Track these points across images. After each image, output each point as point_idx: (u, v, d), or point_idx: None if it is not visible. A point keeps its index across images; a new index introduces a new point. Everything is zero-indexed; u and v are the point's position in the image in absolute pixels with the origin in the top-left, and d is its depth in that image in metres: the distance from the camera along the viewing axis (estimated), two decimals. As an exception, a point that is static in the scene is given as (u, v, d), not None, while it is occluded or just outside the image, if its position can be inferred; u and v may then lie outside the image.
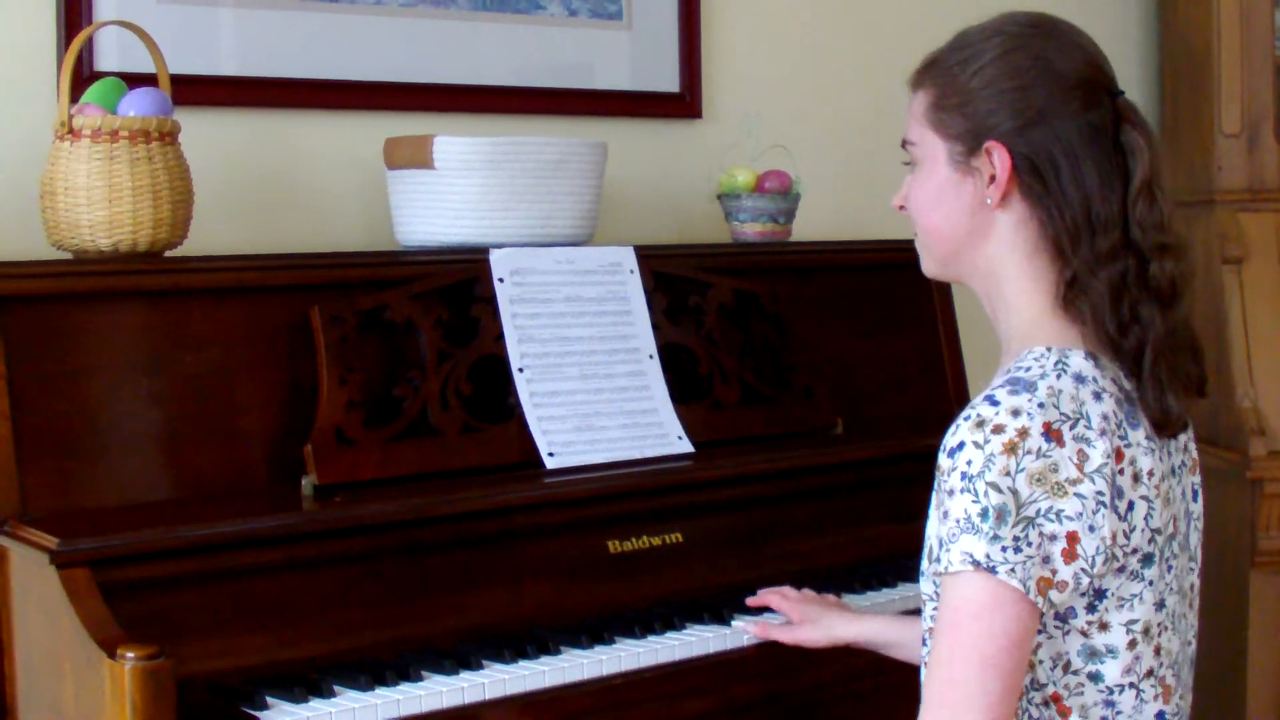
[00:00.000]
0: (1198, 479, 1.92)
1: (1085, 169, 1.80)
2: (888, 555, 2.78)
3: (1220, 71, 3.90)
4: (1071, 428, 1.71)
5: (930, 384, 3.29)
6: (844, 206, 3.62)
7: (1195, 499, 1.91)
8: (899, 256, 3.26)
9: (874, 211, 3.61)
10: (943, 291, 3.31)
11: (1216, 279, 3.78)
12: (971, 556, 1.68)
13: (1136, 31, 4.22)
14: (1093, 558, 1.71)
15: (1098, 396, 1.75)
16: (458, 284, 2.63)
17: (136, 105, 2.47)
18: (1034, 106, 1.81)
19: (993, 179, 1.83)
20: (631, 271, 2.80)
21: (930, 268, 1.97)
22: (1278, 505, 3.60)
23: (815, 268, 3.18)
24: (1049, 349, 1.78)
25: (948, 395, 3.29)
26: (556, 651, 2.30)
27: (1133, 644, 1.77)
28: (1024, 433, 1.69)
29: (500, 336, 2.62)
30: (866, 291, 3.24)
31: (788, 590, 2.47)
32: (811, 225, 3.39)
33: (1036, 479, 1.69)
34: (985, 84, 1.84)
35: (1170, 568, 1.81)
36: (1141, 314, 1.79)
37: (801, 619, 2.39)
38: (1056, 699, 1.78)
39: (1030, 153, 1.81)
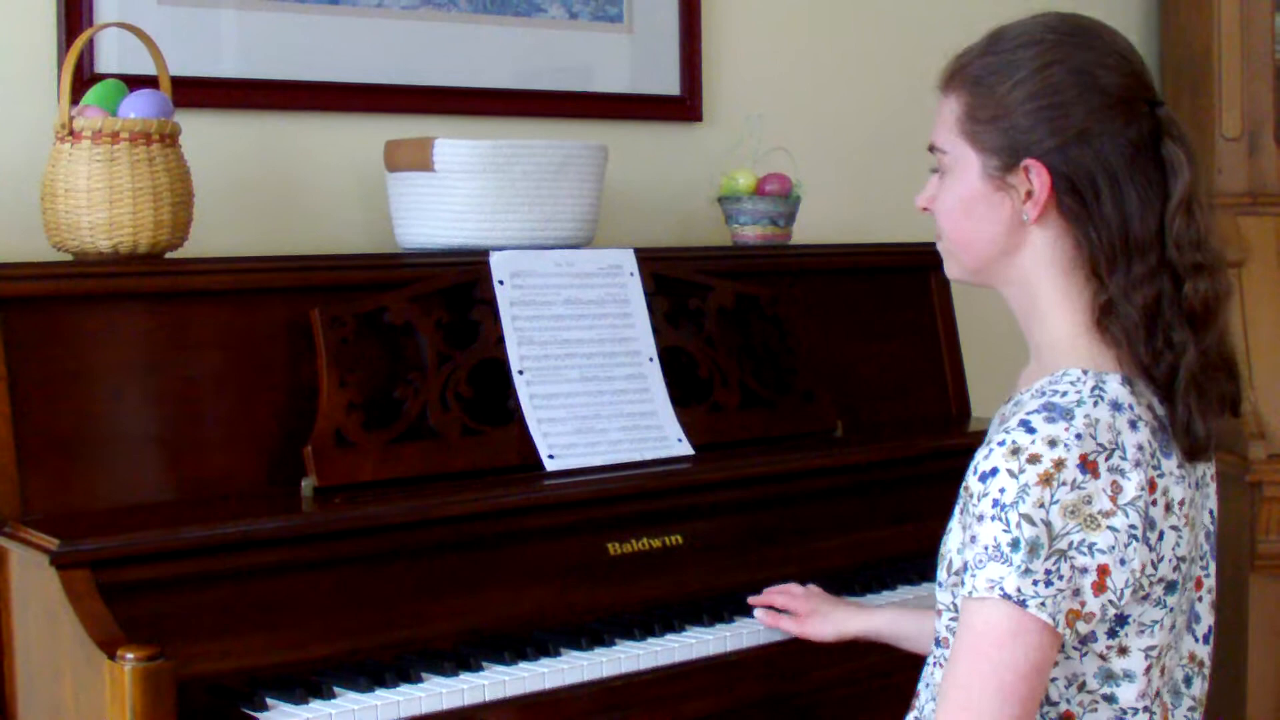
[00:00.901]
0: (1214, 486, 1.90)
1: (1125, 191, 1.76)
2: (887, 558, 2.79)
3: (1220, 75, 3.90)
4: (1107, 459, 1.69)
5: (930, 387, 3.29)
6: (844, 209, 3.62)
7: (1213, 508, 1.89)
8: (899, 259, 3.29)
9: (875, 214, 3.62)
10: (943, 294, 3.31)
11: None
12: (1001, 588, 1.66)
13: (1137, 35, 4.22)
14: (1121, 590, 1.69)
15: (1134, 425, 1.72)
16: (458, 286, 2.63)
17: (137, 107, 2.47)
18: (1074, 125, 1.77)
19: (1029, 195, 1.79)
20: (631, 274, 2.80)
21: (956, 273, 1.93)
22: (1277, 509, 3.60)
23: (815, 271, 3.18)
24: (1085, 372, 1.75)
25: (947, 398, 3.29)
26: (556, 653, 2.30)
27: (1149, 669, 1.75)
28: (1060, 464, 1.67)
29: (500, 339, 2.62)
30: (867, 294, 3.24)
31: (792, 587, 2.48)
32: (812, 228, 3.39)
33: (1070, 511, 1.66)
34: (1024, 99, 1.79)
35: (1186, 589, 1.80)
36: (1174, 339, 1.76)
37: (809, 613, 2.40)
38: (1069, 717, 1.77)
39: (1070, 172, 1.77)
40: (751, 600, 2.49)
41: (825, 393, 2.98)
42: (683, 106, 3.40)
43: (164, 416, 2.39)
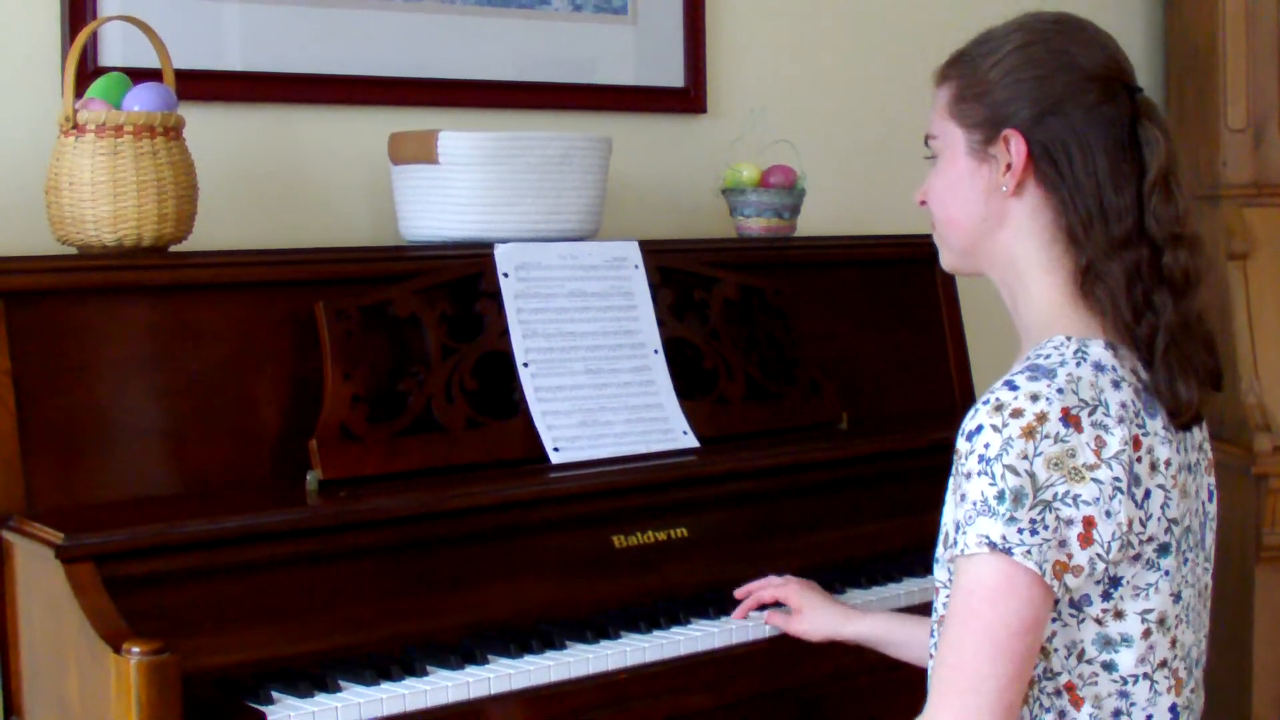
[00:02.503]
0: (1212, 479, 1.92)
1: (1098, 159, 1.81)
2: (893, 550, 2.78)
3: (1225, 67, 3.89)
4: (1090, 414, 1.72)
5: (935, 379, 3.29)
6: (848, 201, 3.61)
7: (1210, 498, 1.91)
8: (904, 251, 3.28)
9: (879, 206, 3.61)
10: (948, 286, 3.31)
11: (1221, 274, 3.77)
12: (988, 538, 1.68)
13: (1142, 27, 4.21)
14: (1109, 543, 1.71)
15: (1116, 385, 1.76)
16: (462, 279, 2.63)
17: (141, 100, 2.47)
18: (1051, 96, 1.83)
19: (1008, 167, 1.84)
20: (636, 266, 2.80)
21: (949, 260, 1.97)
22: (1283, 500, 3.60)
23: (820, 263, 3.18)
24: (1069, 338, 1.79)
25: (952, 390, 3.29)
26: (561, 646, 2.30)
27: (1147, 633, 1.76)
28: (1042, 417, 1.70)
29: (505, 331, 2.61)
30: (871, 286, 3.24)
31: (789, 580, 2.47)
32: (816, 220, 3.38)
33: (1054, 463, 1.69)
34: (1005, 74, 1.85)
35: (1187, 561, 1.81)
36: (1155, 301, 1.80)
37: (799, 608, 2.40)
38: (1070, 688, 1.78)
39: (1046, 141, 1.83)
40: (739, 593, 2.48)
41: (830, 385, 2.98)
42: (687, 98, 3.40)
43: (168, 410, 2.39)
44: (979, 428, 1.73)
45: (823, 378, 2.97)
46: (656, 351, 2.77)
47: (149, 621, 2.06)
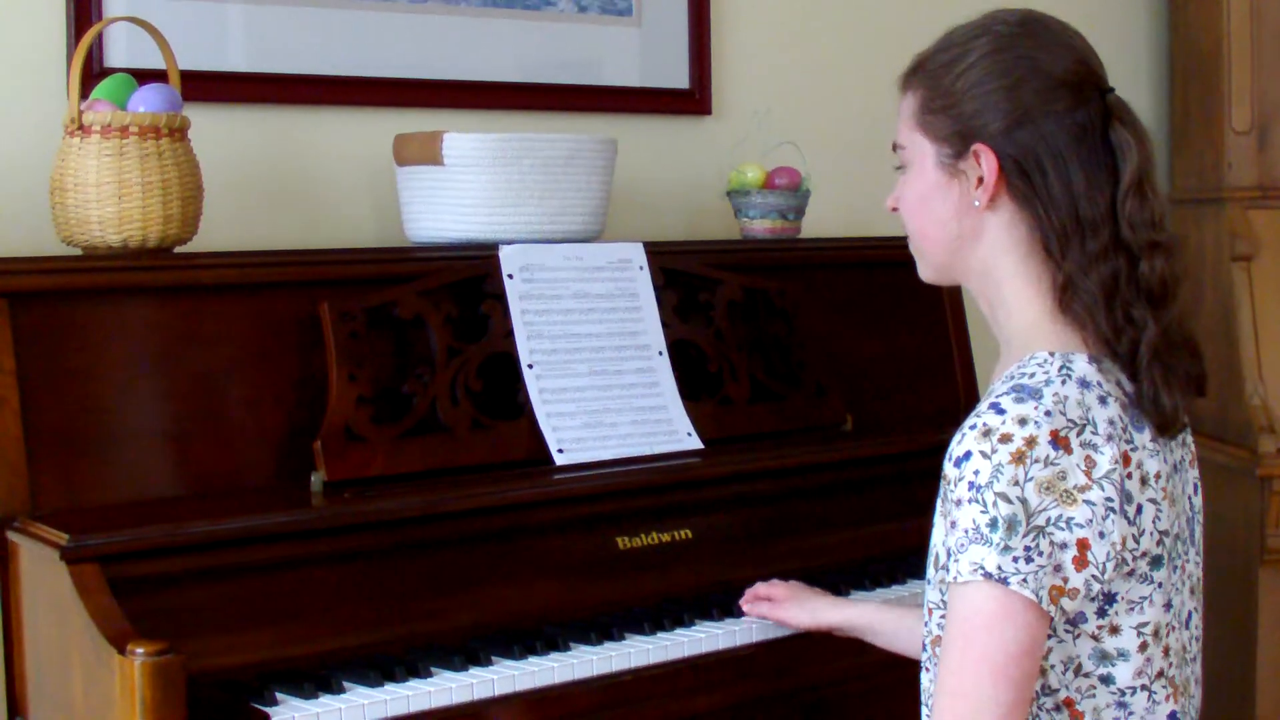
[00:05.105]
0: (1196, 472, 1.91)
1: (1071, 170, 1.79)
2: (897, 551, 2.78)
3: (1230, 69, 3.89)
4: (1079, 434, 1.70)
5: (939, 381, 3.29)
6: (854, 203, 3.61)
7: (1196, 492, 1.90)
8: (908, 254, 3.27)
9: (883, 208, 3.60)
10: (953, 288, 3.31)
11: (1226, 276, 3.77)
12: (983, 568, 1.67)
13: (1146, 29, 4.21)
14: (1103, 564, 1.70)
15: (1103, 401, 1.74)
16: (467, 280, 2.63)
17: (146, 101, 2.47)
18: (1020, 107, 1.80)
19: (980, 181, 1.82)
20: (641, 268, 2.80)
21: (926, 272, 1.96)
22: (1288, 503, 3.60)
23: (825, 264, 3.18)
24: (1052, 354, 1.77)
25: (957, 392, 3.29)
26: (565, 648, 2.30)
27: (1144, 646, 1.76)
28: (1031, 441, 1.68)
29: (509, 333, 2.62)
30: (876, 288, 3.24)
31: (775, 582, 2.47)
32: (821, 222, 3.38)
33: (1045, 487, 1.67)
34: (971, 85, 1.83)
35: (1177, 568, 1.81)
36: (1134, 316, 1.78)
37: (785, 598, 2.40)
38: (1069, 703, 1.77)
39: (1017, 154, 1.80)
40: (742, 602, 2.48)
41: (835, 386, 2.98)
42: (691, 100, 3.40)
43: (173, 411, 2.40)
44: (967, 454, 1.70)
45: (827, 379, 2.97)
46: (661, 353, 2.77)
47: (153, 622, 2.06)
